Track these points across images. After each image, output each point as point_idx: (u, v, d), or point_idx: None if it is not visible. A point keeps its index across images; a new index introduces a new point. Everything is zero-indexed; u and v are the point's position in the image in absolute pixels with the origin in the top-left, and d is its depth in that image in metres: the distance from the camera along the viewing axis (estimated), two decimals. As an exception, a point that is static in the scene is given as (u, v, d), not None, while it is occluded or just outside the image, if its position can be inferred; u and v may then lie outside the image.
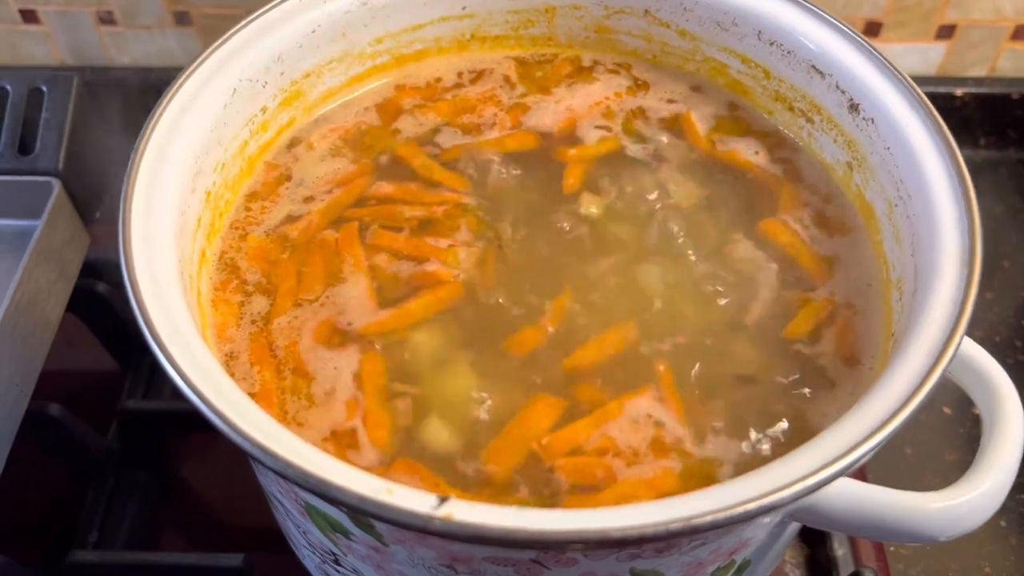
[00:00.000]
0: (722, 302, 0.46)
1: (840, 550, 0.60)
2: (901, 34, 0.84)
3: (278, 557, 0.54)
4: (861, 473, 0.60)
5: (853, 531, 0.40)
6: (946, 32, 0.84)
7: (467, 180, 0.51)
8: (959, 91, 0.87)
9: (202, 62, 0.47)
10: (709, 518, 0.31)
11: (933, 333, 0.37)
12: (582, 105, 0.55)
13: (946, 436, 0.71)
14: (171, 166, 0.43)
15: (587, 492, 0.39)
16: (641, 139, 0.53)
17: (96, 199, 0.65)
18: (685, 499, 0.33)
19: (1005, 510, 0.64)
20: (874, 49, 0.48)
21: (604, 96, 0.55)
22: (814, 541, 0.62)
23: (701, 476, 0.40)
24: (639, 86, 0.56)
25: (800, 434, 0.42)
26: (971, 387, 0.42)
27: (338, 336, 0.44)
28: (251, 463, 0.44)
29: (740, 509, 0.32)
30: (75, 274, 0.62)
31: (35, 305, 0.56)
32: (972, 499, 0.38)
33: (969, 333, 0.38)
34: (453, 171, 0.51)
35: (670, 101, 0.55)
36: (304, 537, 0.44)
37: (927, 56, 0.86)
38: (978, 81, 0.87)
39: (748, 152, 0.52)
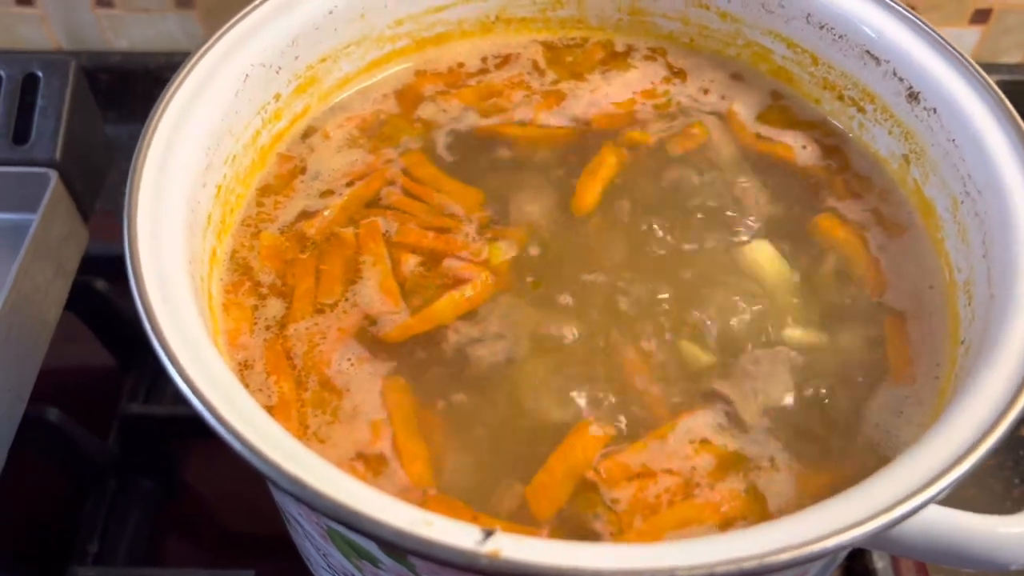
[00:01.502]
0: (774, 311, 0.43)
1: (880, 563, 0.58)
2: (934, 18, 0.81)
3: (290, 568, 0.51)
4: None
5: (923, 556, 0.36)
6: (981, 16, 0.81)
7: (484, 194, 0.47)
8: (993, 78, 0.83)
9: (212, 46, 0.43)
10: (787, 555, 0.28)
11: (1020, 346, 0.34)
12: (619, 95, 0.51)
13: (985, 440, 0.68)
14: (179, 159, 0.39)
15: (645, 516, 0.36)
16: (684, 134, 0.49)
17: (95, 191, 0.61)
18: (756, 532, 0.29)
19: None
20: (936, 33, 0.44)
21: (643, 86, 0.52)
22: (852, 553, 0.59)
23: (765, 499, 0.36)
24: (675, 74, 0.52)
25: (870, 449, 0.39)
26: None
27: (362, 343, 0.41)
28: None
29: (819, 546, 0.28)
30: (73, 271, 0.58)
31: (31, 305, 0.53)
32: (1055, 523, 0.35)
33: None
34: (469, 183, 0.47)
35: (711, 92, 0.52)
36: (324, 559, 0.41)
37: (961, 41, 0.83)
38: (1013, 68, 0.84)
39: (796, 146, 0.49)
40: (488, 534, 0.29)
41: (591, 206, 0.46)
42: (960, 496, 0.64)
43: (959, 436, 0.31)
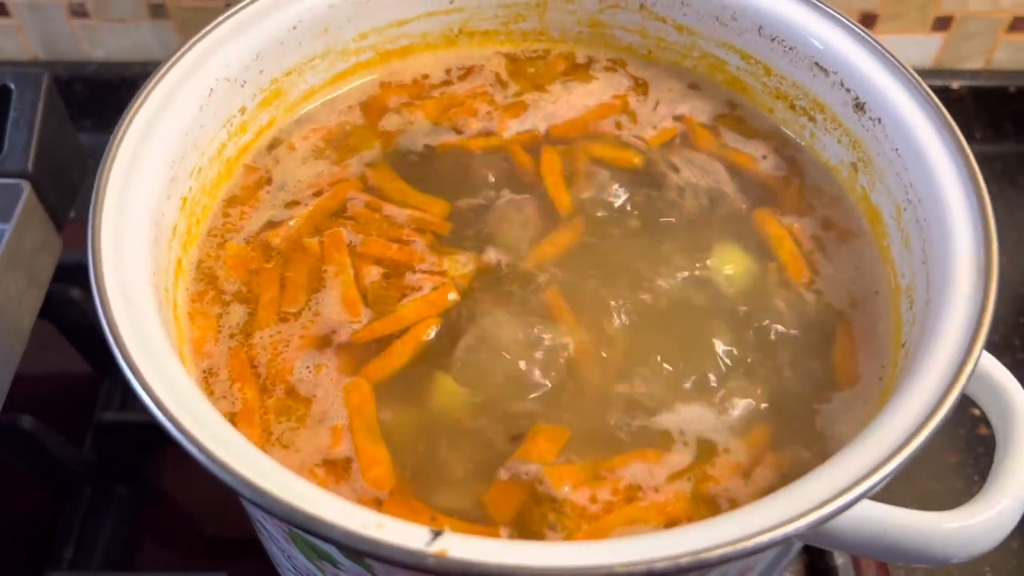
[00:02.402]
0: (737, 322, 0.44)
1: (840, 559, 0.59)
2: (896, 26, 0.83)
3: (261, 570, 0.52)
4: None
5: (863, 552, 0.38)
6: (942, 24, 0.83)
7: (448, 204, 0.48)
8: (955, 84, 0.85)
9: (176, 61, 0.44)
10: (719, 551, 0.30)
11: (949, 349, 0.35)
12: (581, 106, 0.52)
13: (946, 437, 0.70)
14: (144, 173, 0.41)
15: (593, 518, 0.37)
16: (645, 146, 0.51)
17: (68, 201, 0.62)
18: (694, 529, 0.31)
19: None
20: (881, 45, 0.46)
21: (605, 97, 0.53)
22: (814, 549, 0.60)
23: (711, 499, 0.38)
24: (638, 85, 0.54)
25: (814, 449, 0.40)
26: (983, 400, 0.40)
27: (325, 351, 0.42)
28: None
29: (752, 541, 0.30)
30: (47, 280, 0.59)
31: (4, 314, 0.54)
32: (989, 519, 0.37)
33: (987, 340, 0.36)
34: (434, 195, 0.49)
35: (669, 102, 0.53)
36: (289, 561, 0.42)
37: (923, 48, 0.85)
38: (974, 74, 0.86)
39: (757, 156, 0.50)
40: (436, 535, 0.30)
41: (569, 206, 0.48)
42: (922, 491, 0.67)
43: (888, 438, 0.33)
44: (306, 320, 0.43)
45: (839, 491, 0.31)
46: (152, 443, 0.63)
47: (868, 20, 0.82)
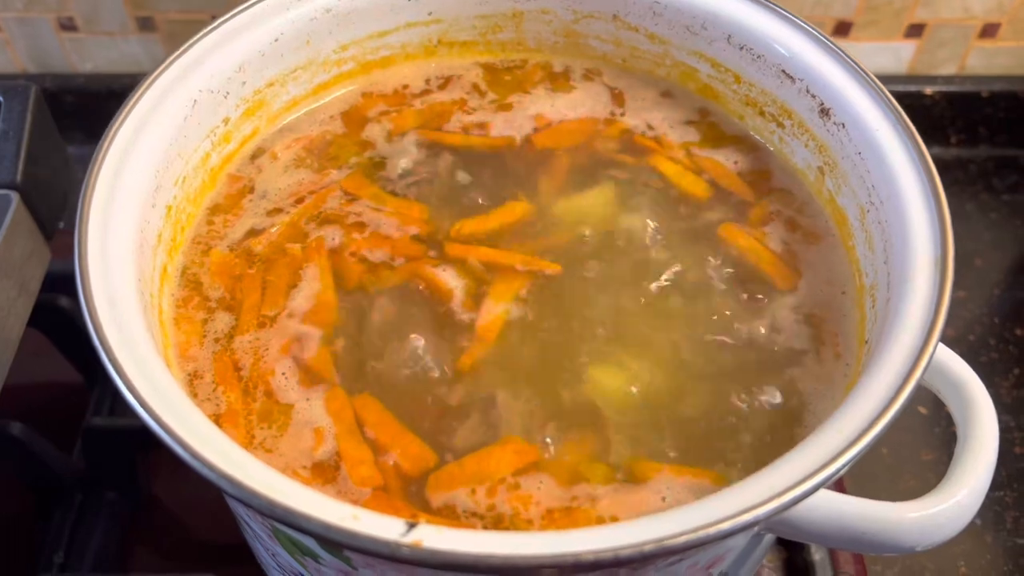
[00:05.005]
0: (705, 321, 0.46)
1: (818, 554, 0.60)
2: (871, 33, 0.84)
3: (250, 573, 0.53)
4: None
5: (829, 543, 0.39)
6: (915, 31, 0.84)
7: (425, 207, 0.49)
8: (929, 89, 0.87)
9: (160, 73, 0.46)
10: (683, 539, 0.31)
11: (907, 342, 0.37)
12: (560, 115, 0.54)
13: (922, 436, 0.71)
14: (129, 182, 0.42)
15: (555, 519, 0.38)
16: (619, 155, 0.52)
17: (57, 212, 0.63)
18: (659, 518, 0.32)
19: (980, 508, 0.65)
20: (844, 53, 0.47)
21: (583, 106, 0.54)
22: (792, 545, 0.62)
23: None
24: (614, 96, 0.55)
25: (780, 447, 0.41)
26: (945, 394, 0.42)
27: (302, 352, 0.43)
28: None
29: (714, 528, 0.31)
30: (36, 290, 0.60)
31: (-6, 323, 0.55)
32: (948, 508, 0.38)
33: (942, 332, 0.38)
34: (410, 198, 0.50)
35: (644, 111, 0.54)
36: (273, 559, 0.43)
37: (897, 55, 0.86)
38: (948, 79, 0.88)
39: (727, 163, 0.52)
40: (411, 526, 0.31)
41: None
42: (900, 488, 0.68)
43: (846, 429, 0.34)
44: (285, 325, 0.44)
45: (797, 480, 0.32)
46: (142, 448, 0.64)
47: (844, 27, 0.84)
